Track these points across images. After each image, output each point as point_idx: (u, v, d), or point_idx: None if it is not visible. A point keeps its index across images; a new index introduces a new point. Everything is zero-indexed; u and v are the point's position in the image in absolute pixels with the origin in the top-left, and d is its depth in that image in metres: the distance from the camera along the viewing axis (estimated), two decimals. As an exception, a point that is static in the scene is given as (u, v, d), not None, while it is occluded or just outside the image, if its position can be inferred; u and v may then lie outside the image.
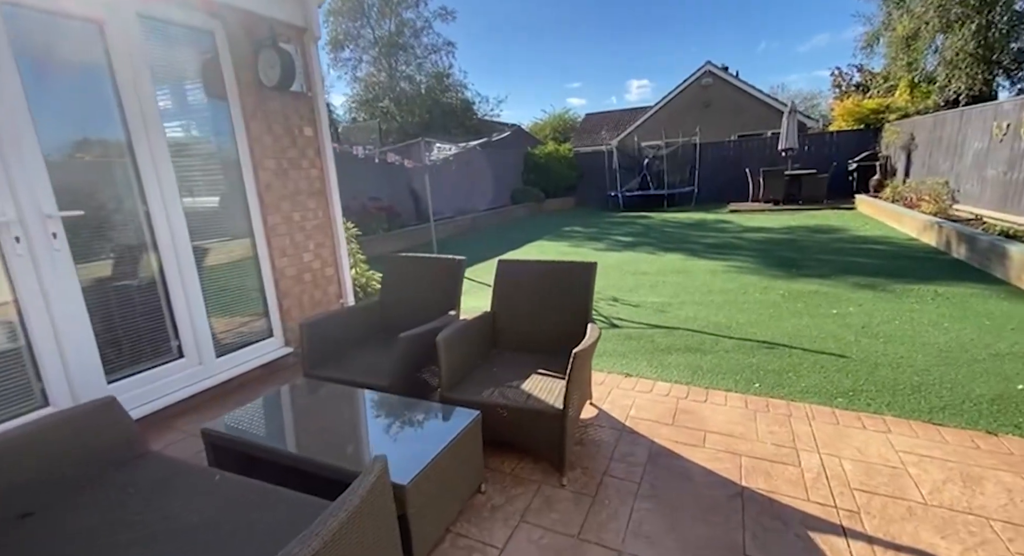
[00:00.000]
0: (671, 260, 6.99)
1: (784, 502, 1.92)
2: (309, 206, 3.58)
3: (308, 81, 3.45)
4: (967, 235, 5.70)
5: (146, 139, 2.71)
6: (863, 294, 4.70)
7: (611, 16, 79.62)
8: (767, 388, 2.91)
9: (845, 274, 5.47)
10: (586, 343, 2.21)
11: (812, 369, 3.13)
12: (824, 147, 13.43)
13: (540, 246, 9.11)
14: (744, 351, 3.50)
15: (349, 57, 15.50)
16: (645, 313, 4.55)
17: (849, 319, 4.03)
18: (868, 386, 2.86)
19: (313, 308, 3.64)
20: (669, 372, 3.23)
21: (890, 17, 13.37)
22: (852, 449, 2.24)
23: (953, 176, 8.46)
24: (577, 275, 2.75)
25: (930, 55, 13.08)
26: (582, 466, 2.22)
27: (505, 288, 2.89)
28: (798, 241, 7.75)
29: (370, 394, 2.27)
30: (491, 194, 14.31)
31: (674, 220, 11.53)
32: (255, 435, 1.95)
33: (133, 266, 2.79)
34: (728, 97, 18.82)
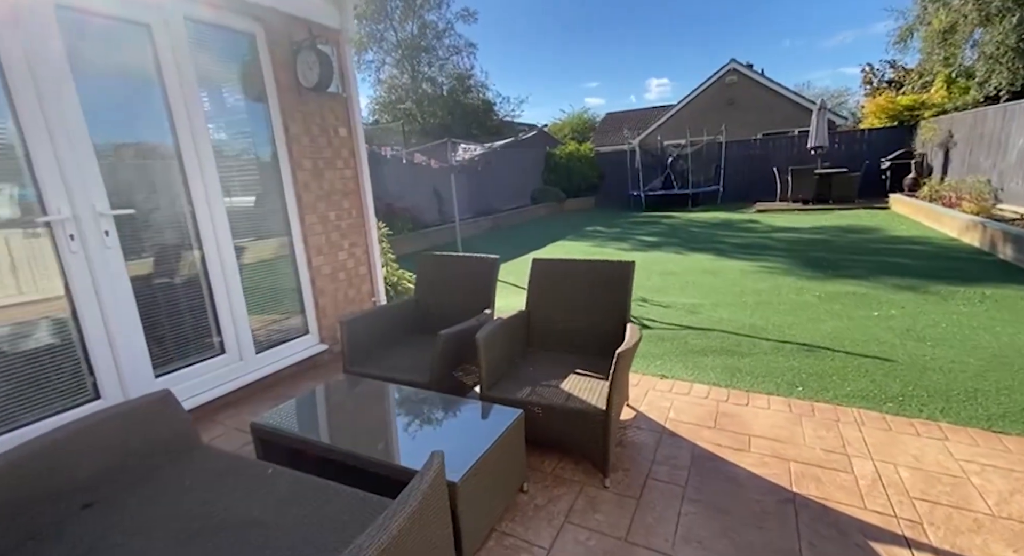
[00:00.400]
0: (699, 260, 6.87)
1: (840, 510, 1.85)
2: (343, 206, 3.62)
3: (343, 82, 3.50)
4: (1014, 235, 5.45)
5: (192, 140, 2.77)
6: (905, 296, 4.54)
7: (630, 15, 78.98)
8: (811, 392, 2.83)
9: (883, 275, 5.29)
10: (629, 343, 2.17)
11: (857, 373, 3.03)
12: (855, 145, 13.05)
13: (563, 246, 9.07)
14: (783, 354, 3.40)
15: (372, 59, 15.74)
16: (676, 314, 4.48)
17: (892, 322, 3.89)
18: (919, 391, 2.75)
19: (347, 306, 3.69)
20: (706, 374, 3.16)
21: (925, 11, 12.89)
22: (908, 456, 2.15)
23: (996, 174, 8.11)
24: (614, 274, 2.71)
25: (968, 49, 12.58)
26: (623, 468, 2.19)
27: (540, 287, 2.87)
28: (831, 241, 7.53)
29: (411, 391, 2.28)
30: (512, 194, 14.32)
31: (699, 220, 11.34)
32: (303, 430, 1.97)
33: (178, 264, 2.86)
34: (753, 95, 18.44)
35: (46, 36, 2.20)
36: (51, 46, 2.22)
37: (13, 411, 2.22)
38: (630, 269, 2.69)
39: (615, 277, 2.71)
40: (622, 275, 2.70)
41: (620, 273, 2.71)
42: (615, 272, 2.72)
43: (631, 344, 2.19)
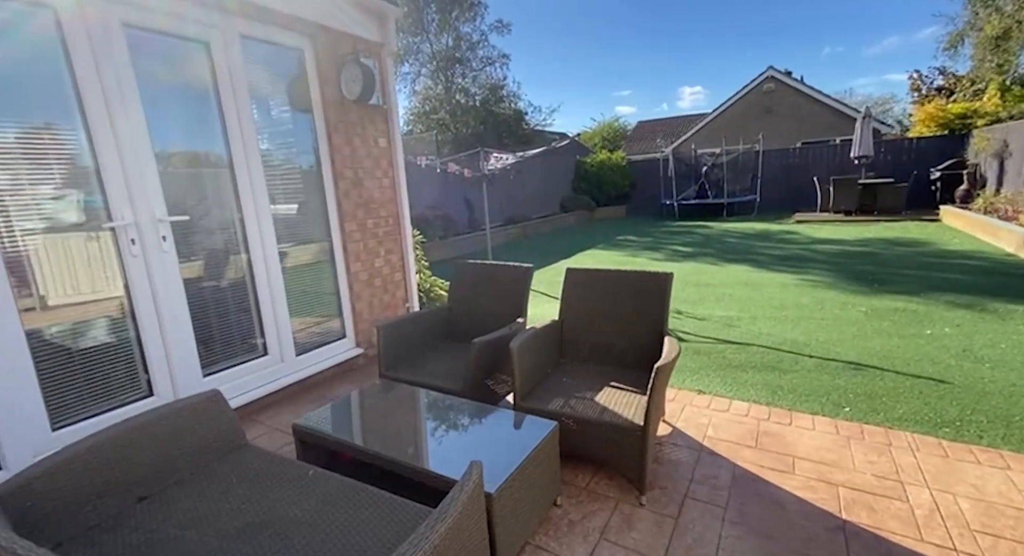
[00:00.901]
0: (736, 272, 6.69)
1: (894, 540, 1.75)
2: (381, 214, 3.71)
3: (384, 94, 3.61)
4: (1085, 251, 5.07)
5: (243, 151, 2.91)
6: (959, 314, 4.28)
7: (663, 22, 78.31)
8: (860, 413, 2.69)
9: (935, 291, 5.01)
10: (667, 358, 2.13)
11: (909, 394, 2.87)
12: (902, 154, 12.47)
13: (594, 255, 9.00)
14: (828, 371, 3.26)
15: (408, 71, 16.14)
16: (713, 327, 4.36)
17: (946, 341, 3.67)
18: (977, 416, 2.58)
19: (382, 311, 3.76)
20: (746, 391, 3.06)
21: (977, 16, 12.33)
22: (967, 486, 2.01)
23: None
24: (651, 285, 2.67)
25: (1023, 57, 11.92)
26: (660, 485, 2.14)
27: (574, 297, 2.85)
28: (877, 254, 7.19)
29: (445, 397, 2.30)
30: (541, 202, 14.35)
31: (735, 230, 11.05)
32: (341, 433, 2.02)
33: (226, 268, 2.99)
34: (792, 103, 17.91)
35: (114, 52, 2.37)
36: (119, 62, 2.38)
37: (75, 404, 2.36)
38: (667, 280, 2.64)
39: (652, 288, 2.67)
40: (659, 286, 2.66)
41: (657, 284, 2.66)
42: (652, 283, 2.68)
43: (670, 358, 2.14)
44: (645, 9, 76.77)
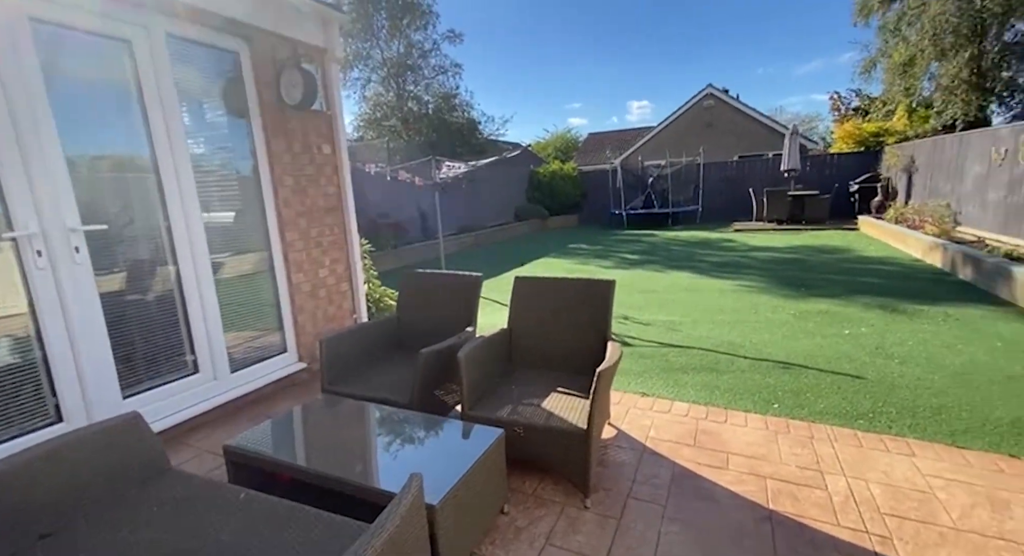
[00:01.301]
0: (679, 278, 7.01)
1: (815, 527, 1.88)
2: (326, 222, 3.60)
3: (328, 100, 3.52)
4: (972, 257, 5.73)
5: (170, 155, 2.74)
6: (874, 314, 4.70)
7: (611, 38, 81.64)
8: (786, 409, 2.89)
9: (854, 294, 5.48)
10: (609, 362, 2.20)
11: (830, 390, 3.11)
12: (825, 168, 13.61)
13: (547, 263, 9.14)
14: (760, 371, 3.48)
15: (358, 77, 15.83)
16: (656, 331, 4.54)
17: (862, 339, 4.02)
18: (888, 408, 2.84)
19: (327, 323, 3.64)
20: (686, 392, 3.20)
21: (887, 44, 13.73)
22: (878, 472, 2.20)
23: (954, 199, 8.55)
24: (596, 292, 2.75)
25: (926, 81, 13.40)
26: (604, 487, 2.19)
27: (522, 305, 2.89)
28: (805, 261, 7.78)
29: (391, 411, 2.25)
30: (496, 211, 14.43)
31: (679, 238, 11.60)
32: (276, 452, 1.92)
33: (152, 280, 2.79)
34: (729, 118, 19.15)
35: (19, 49, 2.17)
36: (24, 59, 2.18)
37: (-33, 435, 2.11)
38: (610, 288, 2.73)
39: (596, 295, 2.75)
40: (603, 293, 2.74)
41: (601, 291, 2.75)
42: (596, 290, 2.76)
43: (611, 363, 2.21)
44: (593, 26, 79.78)
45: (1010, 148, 6.90)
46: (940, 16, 11.44)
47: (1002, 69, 12.10)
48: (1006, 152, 6.99)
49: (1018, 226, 6.59)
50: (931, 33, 11.76)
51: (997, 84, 12.26)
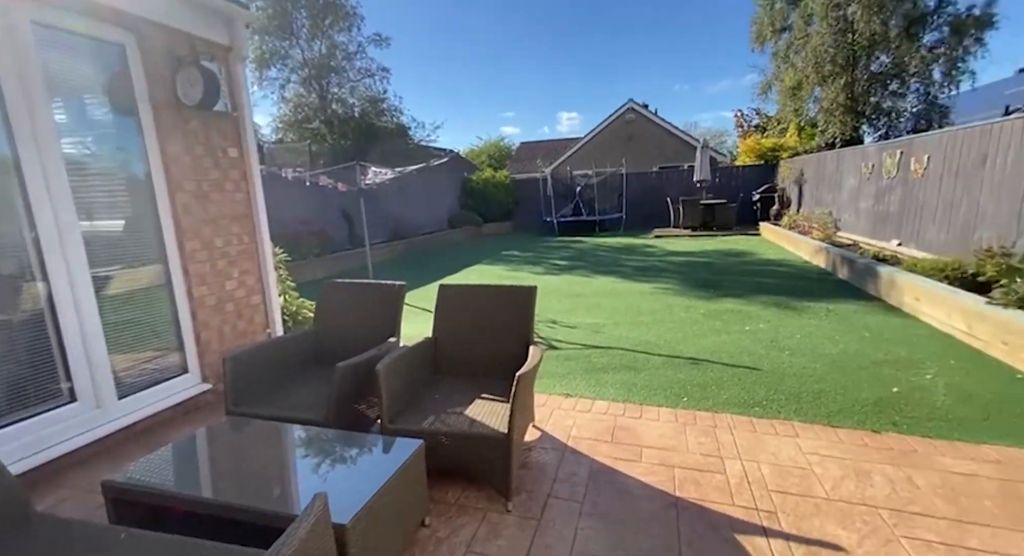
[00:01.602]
0: (604, 283, 7.34)
1: (713, 508, 2.05)
2: (233, 231, 3.36)
3: (233, 101, 3.30)
4: (848, 258, 6.57)
5: (37, 156, 2.42)
6: (771, 312, 5.23)
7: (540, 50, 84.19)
8: (694, 401, 3.12)
9: (755, 294, 6.06)
10: (529, 365, 2.26)
11: (732, 382, 3.41)
12: (732, 180, 14.95)
13: (479, 270, 9.16)
14: (672, 367, 3.73)
15: (276, 76, 14.95)
16: (582, 334, 4.72)
17: (760, 335, 4.45)
18: (778, 395, 3.16)
19: (236, 340, 3.38)
20: (606, 390, 3.36)
21: (779, 69, 15.41)
22: (768, 454, 2.45)
23: (835, 207, 9.77)
24: (518, 298, 2.81)
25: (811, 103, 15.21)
26: (527, 489, 2.23)
27: (447, 313, 2.88)
28: (714, 264, 8.48)
29: (304, 430, 2.14)
30: (428, 218, 14.25)
31: (606, 245, 12.15)
32: (167, 484, 1.75)
33: (14, 300, 2.44)
34: (649, 132, 20.47)
35: None
36: None
37: None
38: (532, 294, 2.81)
39: (519, 301, 2.81)
40: (525, 299, 2.81)
41: (523, 297, 2.81)
42: (518, 296, 2.82)
43: (531, 366, 2.27)
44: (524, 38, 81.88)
45: (876, 164, 8.02)
46: (820, 47, 13.05)
47: (870, 95, 14.03)
48: (873, 167, 8.12)
49: (883, 231, 7.66)
50: (813, 61, 13.38)
51: (867, 108, 14.20)
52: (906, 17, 12.10)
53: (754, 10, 15.57)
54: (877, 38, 12.21)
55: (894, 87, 13.19)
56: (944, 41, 12.20)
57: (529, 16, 78.02)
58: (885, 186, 7.64)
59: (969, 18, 11.85)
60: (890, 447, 2.46)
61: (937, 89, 12.69)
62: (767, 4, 15.07)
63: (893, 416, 2.81)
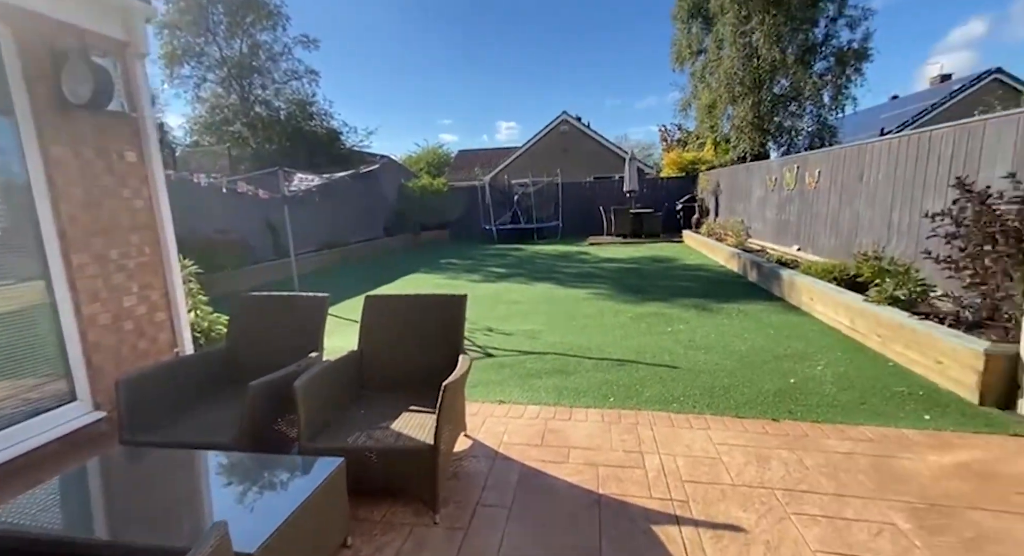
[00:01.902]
0: (541, 289, 7.50)
1: (633, 502, 2.17)
2: (132, 242, 3.07)
3: (132, 101, 3.03)
4: (756, 263, 7.23)
5: None
6: (690, 313, 5.61)
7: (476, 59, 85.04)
8: (619, 401, 3.28)
9: (677, 297, 6.48)
10: (456, 375, 2.26)
11: (654, 380, 3.62)
12: (658, 190, 15.92)
13: (416, 279, 9.01)
14: (602, 370, 3.89)
15: (190, 74, 13.86)
16: (518, 341, 4.79)
17: (679, 335, 4.77)
18: (693, 391, 3.40)
19: (137, 361, 3.07)
20: (539, 395, 3.44)
21: (696, 89, 16.72)
22: (683, 447, 2.63)
23: (746, 216, 10.71)
24: (448, 308, 2.81)
25: (725, 121, 16.63)
26: (455, 500, 2.23)
27: (373, 325, 2.82)
28: (642, 270, 8.96)
29: (213, 456, 1.99)
30: (363, 226, 13.81)
31: (543, 252, 12.43)
32: (45, 526, 1.56)
33: None
34: (583, 143, 21.30)
35: None
36: None
37: None
38: (462, 302, 2.82)
39: (448, 310, 2.81)
40: (455, 308, 2.81)
41: (453, 306, 2.82)
42: (448, 305, 2.82)
43: (458, 376, 2.28)
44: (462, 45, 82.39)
45: (778, 177, 8.91)
46: (731, 69, 14.33)
47: (774, 115, 15.60)
48: (776, 180, 9.01)
49: (786, 238, 8.51)
50: (726, 82, 14.66)
51: (771, 126, 15.77)
52: (800, 47, 13.64)
53: (674, 33, 16.81)
54: (777, 64, 13.62)
55: (793, 108, 14.75)
56: (831, 69, 13.87)
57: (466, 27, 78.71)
58: (786, 197, 8.51)
59: (850, 50, 13.58)
60: (786, 433, 2.74)
61: (827, 111, 14.36)
62: (684, 28, 16.34)
63: (790, 405, 3.12)
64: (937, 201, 4.61)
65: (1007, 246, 3.11)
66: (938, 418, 2.84)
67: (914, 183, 5.03)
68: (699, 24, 16.02)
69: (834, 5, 13.53)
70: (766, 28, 13.10)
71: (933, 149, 4.73)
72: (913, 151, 5.05)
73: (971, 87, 18.44)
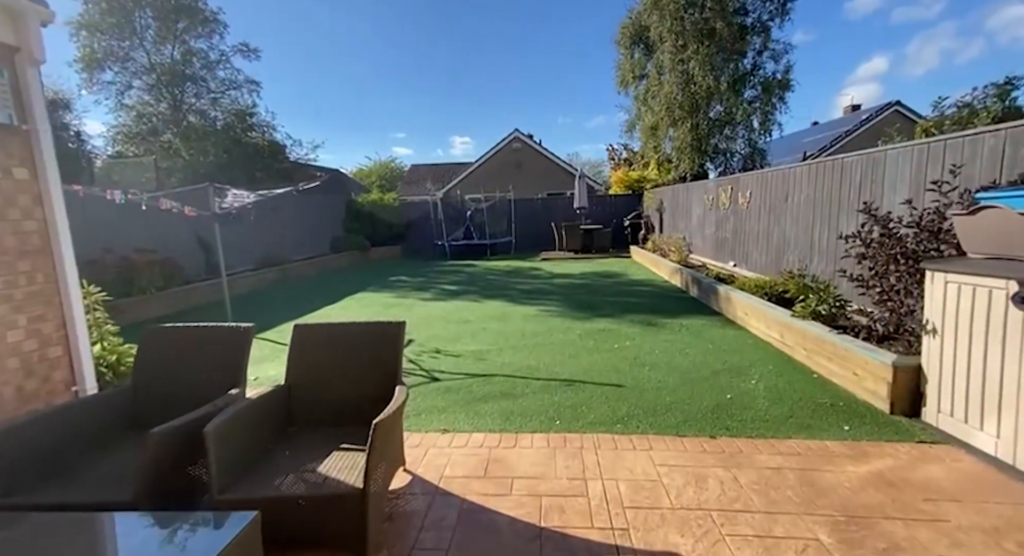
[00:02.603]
0: (492, 307, 7.44)
1: (574, 534, 2.11)
2: (20, 268, 2.71)
3: (24, 112, 2.72)
4: (697, 278, 7.56)
5: None
6: (636, 329, 5.74)
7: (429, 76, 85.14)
8: (566, 423, 3.25)
9: (625, 313, 6.62)
10: (389, 410, 2.14)
11: (600, 400, 3.63)
12: (607, 207, 16.43)
13: (363, 298, 8.69)
14: (549, 391, 3.86)
15: (112, 80, 12.86)
16: (466, 362, 4.68)
17: (625, 352, 4.84)
18: (638, 410, 3.44)
19: (23, 405, 2.69)
20: (484, 421, 3.34)
21: (640, 111, 17.54)
22: (626, 471, 2.62)
23: (687, 233, 11.24)
24: (384, 335, 2.68)
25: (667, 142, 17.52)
26: (389, 545, 2.08)
27: (303, 356, 2.63)
28: (592, 285, 9.13)
29: (105, 518, 1.74)
30: (307, 242, 13.23)
31: (495, 268, 12.41)
32: None
33: None
34: (535, 160, 21.71)
35: None
36: None
37: None
38: (400, 330, 2.70)
39: (385, 338, 2.68)
40: (392, 336, 2.69)
41: (390, 334, 2.69)
42: (385, 333, 2.69)
43: (391, 412, 2.16)
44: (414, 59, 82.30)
45: (714, 196, 9.43)
46: (670, 94, 15.15)
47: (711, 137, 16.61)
48: (712, 199, 9.52)
49: (723, 254, 8.98)
50: (666, 106, 15.47)
51: (708, 148, 16.77)
52: (731, 75, 14.67)
53: (618, 57, 17.60)
54: (712, 90, 14.54)
55: (727, 132, 15.76)
56: (759, 97, 15.00)
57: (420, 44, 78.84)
58: (722, 216, 9.01)
59: (775, 80, 14.77)
60: (722, 450, 2.80)
61: (756, 135, 15.47)
62: (627, 54, 17.15)
63: (726, 421, 3.22)
64: (851, 223, 5.02)
65: (907, 266, 3.40)
66: (856, 428, 3.02)
67: (831, 205, 5.46)
68: (641, 50, 16.88)
69: (759, 39, 14.71)
70: (701, 57, 14.00)
71: (846, 175, 5.17)
72: (830, 176, 5.50)
73: (876, 117, 20.63)
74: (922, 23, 71.07)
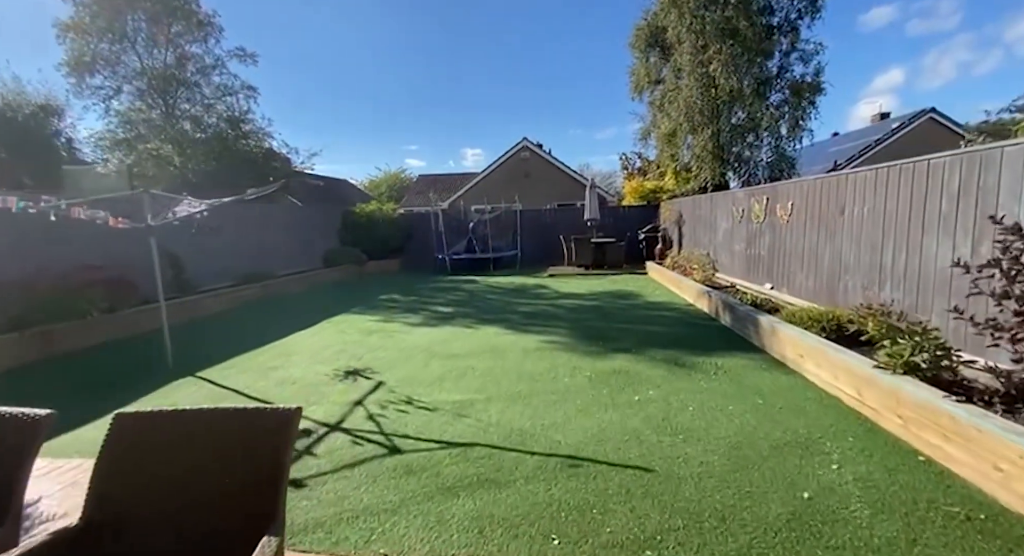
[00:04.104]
0: (487, 335, 6.38)
1: None
2: None
3: None
4: (729, 304, 6.39)
5: None
6: (660, 371, 4.62)
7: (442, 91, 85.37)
8: (568, 544, 2.17)
9: (645, 346, 5.49)
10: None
11: (618, 499, 2.53)
12: (620, 219, 15.35)
13: (341, 322, 7.67)
14: (546, 476, 2.78)
15: (102, 85, 12.28)
16: (441, 421, 3.62)
17: (649, 408, 3.73)
18: (675, 521, 2.33)
19: None
20: (449, 533, 2.28)
21: (656, 117, 16.52)
22: None
23: (712, 248, 10.08)
24: (262, 435, 1.63)
25: (685, 150, 16.44)
26: None
27: (122, 470, 1.59)
28: (604, 308, 8.01)
29: None
30: (296, 256, 12.37)
31: (498, 285, 11.37)
32: None
33: None
34: (544, 170, 20.77)
35: None
36: None
37: None
38: (288, 423, 1.65)
39: (261, 441, 1.63)
40: (274, 436, 1.63)
41: (271, 432, 1.64)
42: (263, 430, 1.64)
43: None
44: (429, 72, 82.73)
45: (745, 208, 8.29)
46: (689, 99, 14.12)
47: (733, 145, 15.51)
48: (743, 211, 8.39)
49: (757, 274, 7.82)
50: (685, 112, 14.43)
51: (730, 156, 15.65)
52: (756, 78, 13.59)
53: (632, 62, 16.67)
54: (735, 94, 13.49)
55: (751, 139, 14.64)
56: (787, 101, 13.87)
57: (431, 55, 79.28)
58: (755, 230, 7.86)
59: (804, 83, 13.64)
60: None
61: (784, 143, 14.31)
62: (643, 57, 16.21)
63: (814, 547, 2.10)
64: (943, 242, 3.87)
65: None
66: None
67: (910, 220, 4.32)
68: (657, 54, 15.94)
69: (787, 39, 13.65)
70: (723, 58, 12.98)
71: (934, 181, 4.03)
72: (907, 183, 4.36)
73: (910, 124, 19.29)
74: (938, 35, 69.26)
